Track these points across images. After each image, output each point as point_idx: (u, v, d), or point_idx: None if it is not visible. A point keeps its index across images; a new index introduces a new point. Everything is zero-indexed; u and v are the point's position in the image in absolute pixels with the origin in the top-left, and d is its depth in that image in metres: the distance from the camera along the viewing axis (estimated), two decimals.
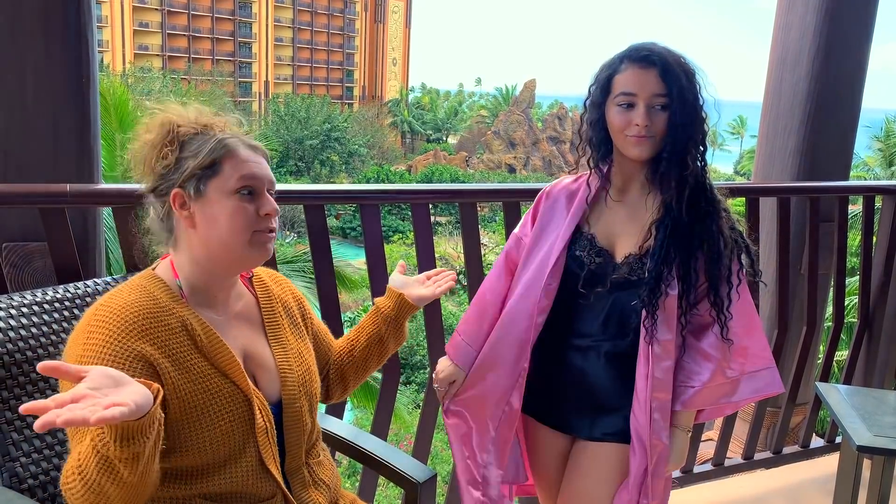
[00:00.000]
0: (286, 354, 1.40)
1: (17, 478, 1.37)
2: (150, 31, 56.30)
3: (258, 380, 1.35)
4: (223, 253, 1.28)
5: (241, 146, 1.29)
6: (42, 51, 1.95)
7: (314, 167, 42.41)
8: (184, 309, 1.27)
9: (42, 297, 1.51)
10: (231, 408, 1.26)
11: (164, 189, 1.27)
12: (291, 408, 1.37)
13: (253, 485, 1.29)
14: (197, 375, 1.24)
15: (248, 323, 1.39)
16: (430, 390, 2.37)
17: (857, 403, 2.20)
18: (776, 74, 3.38)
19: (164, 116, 1.28)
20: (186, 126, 1.28)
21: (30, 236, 1.91)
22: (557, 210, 1.71)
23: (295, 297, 1.51)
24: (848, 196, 3.12)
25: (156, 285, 1.28)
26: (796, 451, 3.14)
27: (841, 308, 3.14)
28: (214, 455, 1.25)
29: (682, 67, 1.52)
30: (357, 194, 2.31)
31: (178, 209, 1.26)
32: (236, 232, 1.26)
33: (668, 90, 1.51)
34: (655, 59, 1.51)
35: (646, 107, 1.52)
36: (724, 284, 1.59)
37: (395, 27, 73.72)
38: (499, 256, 1.81)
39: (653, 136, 1.54)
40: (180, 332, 1.24)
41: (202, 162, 1.25)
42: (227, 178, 1.26)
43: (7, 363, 1.39)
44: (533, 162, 47.06)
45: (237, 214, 1.26)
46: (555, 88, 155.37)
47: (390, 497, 9.16)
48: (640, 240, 1.61)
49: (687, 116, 1.51)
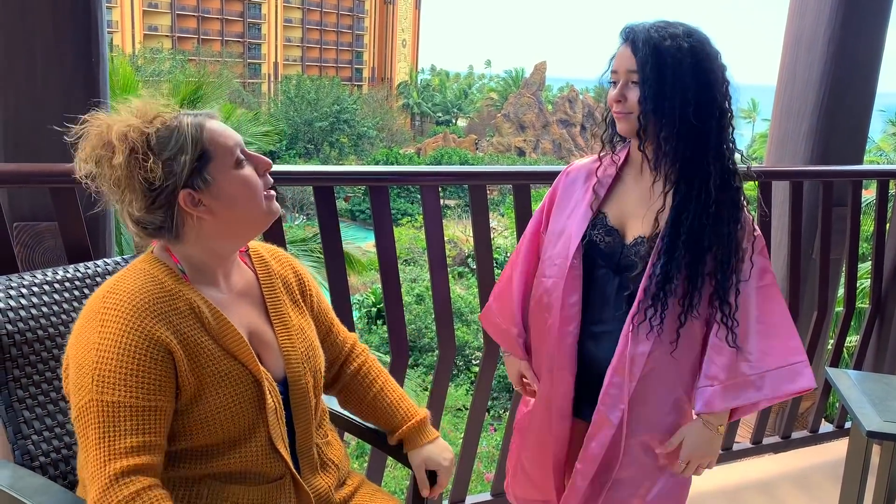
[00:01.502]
0: (288, 332, 1.39)
1: (29, 455, 1.38)
2: (159, 12, 56.19)
3: (263, 358, 1.35)
4: (246, 225, 1.29)
5: (207, 120, 1.25)
6: (51, 32, 1.95)
7: (323, 149, 42.37)
8: (190, 291, 1.26)
9: (53, 277, 1.51)
10: (241, 389, 1.26)
11: (165, 198, 1.22)
12: (297, 385, 1.37)
13: (263, 464, 1.29)
14: (207, 358, 1.24)
15: (249, 300, 1.38)
16: (438, 372, 2.38)
17: (867, 389, 2.19)
18: (790, 57, 3.34)
19: (115, 131, 1.19)
20: (143, 128, 1.21)
21: (40, 216, 1.92)
22: (576, 189, 1.70)
23: (295, 273, 1.49)
24: (861, 181, 3.09)
25: (159, 269, 1.26)
26: (805, 437, 3.13)
27: (852, 293, 3.12)
28: (225, 436, 1.25)
29: (657, 42, 1.46)
30: (366, 176, 2.30)
31: (190, 208, 1.23)
32: (255, 198, 1.27)
33: (639, 66, 1.48)
34: (631, 35, 1.50)
35: (623, 83, 1.52)
36: (733, 291, 1.55)
37: (405, 8, 73.22)
38: (523, 236, 1.82)
39: (630, 113, 1.52)
40: (189, 315, 1.24)
41: (193, 154, 1.21)
42: (221, 156, 1.24)
43: (18, 342, 1.40)
44: (543, 145, 46.84)
45: (248, 183, 1.26)
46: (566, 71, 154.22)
47: (398, 478, 9.22)
48: (650, 225, 1.58)
49: (650, 90, 1.47)
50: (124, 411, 1.15)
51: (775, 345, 1.58)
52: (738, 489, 2.83)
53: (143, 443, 1.15)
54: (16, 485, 1.30)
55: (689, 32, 1.48)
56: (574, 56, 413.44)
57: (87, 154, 1.23)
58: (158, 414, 1.18)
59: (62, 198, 1.76)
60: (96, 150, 1.22)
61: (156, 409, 1.18)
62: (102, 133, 1.21)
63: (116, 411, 1.15)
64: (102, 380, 1.15)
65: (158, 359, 1.18)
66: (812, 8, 3.23)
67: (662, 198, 1.55)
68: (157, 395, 1.17)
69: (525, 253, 1.78)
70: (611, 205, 1.65)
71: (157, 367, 1.18)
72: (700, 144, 1.50)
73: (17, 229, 1.90)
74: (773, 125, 3.51)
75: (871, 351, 3.26)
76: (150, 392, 1.17)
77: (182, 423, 1.22)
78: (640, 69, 1.47)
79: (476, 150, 46.65)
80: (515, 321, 1.77)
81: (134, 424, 1.15)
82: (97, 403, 1.15)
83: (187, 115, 1.25)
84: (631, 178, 1.65)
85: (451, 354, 2.36)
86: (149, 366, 1.17)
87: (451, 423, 11.85)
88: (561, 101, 50.11)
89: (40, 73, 1.95)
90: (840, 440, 3.15)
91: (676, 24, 1.51)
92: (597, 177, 1.67)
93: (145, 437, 1.16)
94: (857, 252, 3.06)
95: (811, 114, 3.26)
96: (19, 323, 1.41)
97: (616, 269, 1.61)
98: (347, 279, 2.17)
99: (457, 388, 14.45)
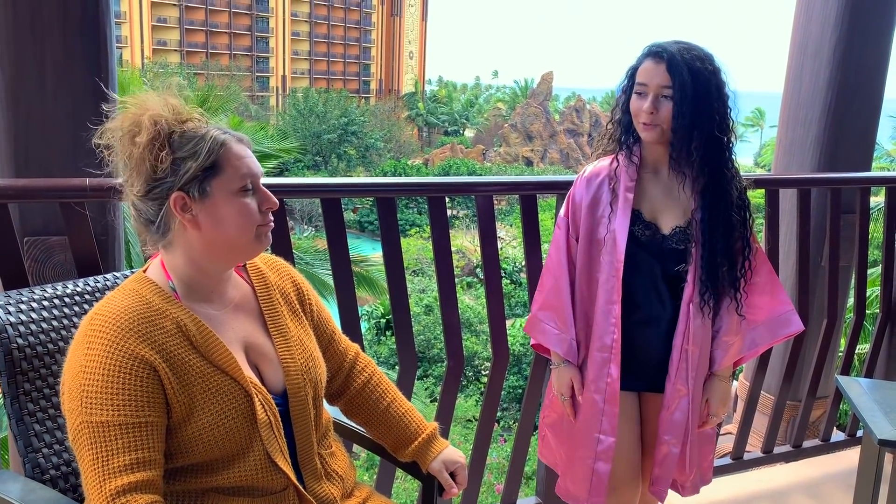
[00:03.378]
0: (287, 343, 1.39)
1: (39, 468, 1.39)
2: (168, 27, 56.65)
3: (262, 371, 1.35)
4: (228, 251, 1.29)
5: (233, 142, 1.27)
6: (61, 46, 1.96)
7: (331, 161, 42.51)
8: (177, 309, 1.26)
9: (63, 291, 1.52)
10: (233, 404, 1.25)
11: (161, 192, 1.23)
12: (296, 397, 1.36)
13: (263, 478, 1.29)
14: (196, 376, 1.23)
15: (246, 313, 1.38)
16: (447, 383, 2.38)
17: (878, 397, 2.17)
18: (796, 63, 3.34)
19: (150, 115, 1.23)
20: (173, 124, 1.24)
21: (51, 230, 1.93)
22: (602, 192, 1.86)
23: (294, 284, 1.49)
24: (870, 187, 3.08)
25: (147, 288, 1.27)
26: (817, 445, 3.11)
27: (862, 301, 3.10)
28: (221, 452, 1.25)
29: (690, 64, 1.69)
30: (374, 187, 2.31)
31: (178, 212, 1.23)
32: (245, 230, 1.27)
33: (673, 82, 1.69)
34: (665, 54, 1.71)
35: (654, 96, 1.73)
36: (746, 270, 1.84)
37: (412, 20, 73.59)
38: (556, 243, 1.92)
39: (659, 125, 1.74)
40: (176, 334, 1.24)
41: (203, 163, 1.23)
42: (229, 177, 1.25)
43: (29, 356, 1.41)
44: (550, 155, 46.83)
45: (245, 212, 1.26)
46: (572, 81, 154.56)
47: (408, 490, 9.19)
48: (682, 215, 1.83)
49: (688, 107, 1.69)
50: (114, 430, 1.15)
51: (766, 300, 1.88)
52: (750, 499, 2.81)
53: (136, 459, 1.16)
54: (26, 498, 1.31)
55: (710, 56, 1.73)
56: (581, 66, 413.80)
57: (117, 125, 1.25)
58: (150, 430, 1.18)
59: (72, 212, 1.77)
60: (125, 124, 1.24)
61: (146, 425, 1.18)
62: (137, 113, 1.24)
63: (107, 431, 1.15)
64: (90, 401, 1.16)
65: (144, 376, 1.18)
66: (818, 14, 3.23)
67: (691, 195, 1.81)
68: (145, 411, 1.18)
69: (565, 261, 1.91)
70: (640, 202, 1.85)
71: (143, 384, 1.18)
72: (722, 152, 1.77)
73: (28, 243, 1.92)
74: (781, 133, 3.50)
75: (883, 358, 3.24)
76: (139, 408, 1.17)
77: (178, 440, 1.22)
78: (679, 88, 1.69)
79: (484, 161, 46.67)
80: (571, 327, 1.90)
81: (125, 442, 1.15)
82: (87, 425, 1.16)
83: (217, 130, 1.26)
84: (649, 176, 1.86)
85: (459, 365, 2.35)
86: (134, 383, 1.17)
87: (460, 435, 11.81)
88: (568, 111, 50.14)
89: (50, 89, 1.97)
90: (852, 449, 3.12)
91: (696, 46, 1.74)
92: (618, 177, 1.84)
93: (138, 453, 1.16)
94: (866, 259, 3.04)
95: (818, 120, 3.25)
96: (30, 337, 1.42)
97: (659, 258, 1.83)
98: (355, 290, 2.17)
99: (466, 399, 14.42)
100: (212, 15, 58.82)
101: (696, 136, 1.72)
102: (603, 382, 1.86)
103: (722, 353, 1.88)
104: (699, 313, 1.82)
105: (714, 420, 1.92)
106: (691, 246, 1.80)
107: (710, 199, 1.78)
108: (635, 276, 1.84)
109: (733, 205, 1.79)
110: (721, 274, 1.80)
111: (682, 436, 1.89)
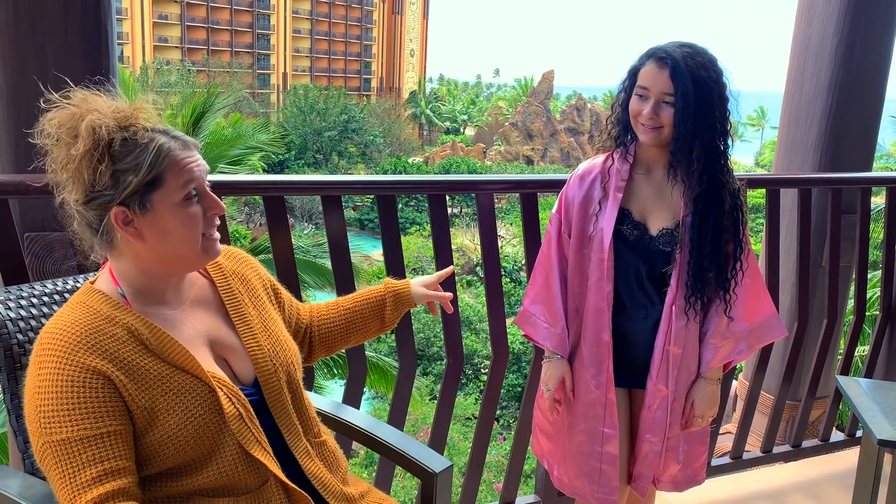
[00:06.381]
0: (252, 331, 1.36)
1: None
2: (169, 24, 56.61)
3: (230, 363, 1.33)
4: (175, 261, 1.25)
5: (176, 148, 1.21)
6: (62, 44, 1.96)
7: (332, 159, 42.50)
8: (127, 315, 1.22)
9: (63, 287, 1.52)
10: (197, 402, 1.22)
11: (100, 204, 1.18)
12: (269, 384, 1.33)
13: (242, 474, 1.26)
14: (154, 379, 1.20)
15: (206, 307, 1.35)
16: (447, 381, 2.38)
17: (878, 397, 2.17)
18: (798, 63, 3.34)
19: (88, 121, 1.15)
20: (113, 130, 1.17)
21: (51, 226, 1.93)
22: (594, 189, 1.87)
23: (251, 268, 1.46)
24: (871, 188, 3.08)
25: (95, 298, 1.23)
26: (816, 445, 3.11)
27: (863, 301, 3.10)
28: (194, 452, 1.22)
29: (694, 72, 1.68)
30: (374, 185, 2.31)
31: (120, 226, 1.19)
32: (190, 240, 1.23)
33: (675, 90, 1.69)
34: (669, 60, 1.69)
35: (655, 101, 1.72)
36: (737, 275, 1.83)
37: (413, 18, 73.54)
38: (548, 240, 1.94)
39: (659, 128, 1.74)
40: (128, 340, 1.20)
41: (144, 177, 1.17)
42: (172, 189, 1.19)
43: (29, 352, 1.41)
44: (551, 153, 46.81)
45: (189, 223, 1.22)
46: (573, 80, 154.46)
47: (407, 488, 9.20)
48: (671, 217, 1.82)
49: (690, 116, 1.68)
50: (77, 445, 1.13)
51: (751, 304, 1.88)
52: (749, 498, 2.81)
53: (104, 470, 1.13)
54: (25, 493, 1.30)
55: (713, 62, 1.72)
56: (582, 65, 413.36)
57: (51, 127, 1.18)
58: (113, 439, 1.15)
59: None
60: (61, 130, 1.18)
61: (109, 435, 1.15)
62: (75, 115, 1.17)
63: (69, 447, 1.13)
64: (48, 421, 1.13)
65: (98, 387, 1.15)
66: (820, 14, 3.23)
67: (681, 199, 1.81)
68: (105, 421, 1.15)
69: (557, 257, 1.92)
70: (630, 201, 1.85)
71: (99, 394, 1.15)
72: (719, 160, 1.76)
73: (28, 239, 1.92)
74: (782, 132, 3.50)
75: (882, 359, 3.24)
76: (98, 419, 1.14)
77: (148, 446, 1.19)
78: (682, 96, 1.68)
79: (484, 159, 46.66)
80: (561, 321, 1.90)
81: (91, 455, 1.13)
82: (49, 445, 1.13)
83: (163, 136, 1.20)
84: (641, 176, 1.86)
85: (459, 363, 2.36)
86: (89, 395, 1.14)
87: (459, 433, 11.82)
88: (569, 110, 50.11)
89: (51, 86, 1.96)
90: (851, 449, 3.13)
91: (700, 50, 1.72)
92: (610, 175, 1.85)
93: (105, 464, 1.13)
94: (866, 259, 3.04)
95: (819, 121, 3.25)
96: (30, 332, 1.42)
97: (646, 258, 1.83)
98: (356, 288, 2.17)
99: (465, 398, 14.43)
100: (213, 12, 58.78)
101: (697, 144, 1.72)
102: (603, 378, 1.87)
103: (710, 355, 1.87)
104: (683, 316, 1.82)
105: (699, 422, 1.91)
106: (677, 250, 1.80)
107: (703, 206, 1.77)
108: (622, 274, 1.84)
109: (725, 210, 1.78)
110: (707, 279, 1.79)
111: (663, 434, 1.90)
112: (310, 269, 8.38)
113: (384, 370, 8.24)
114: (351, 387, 2.25)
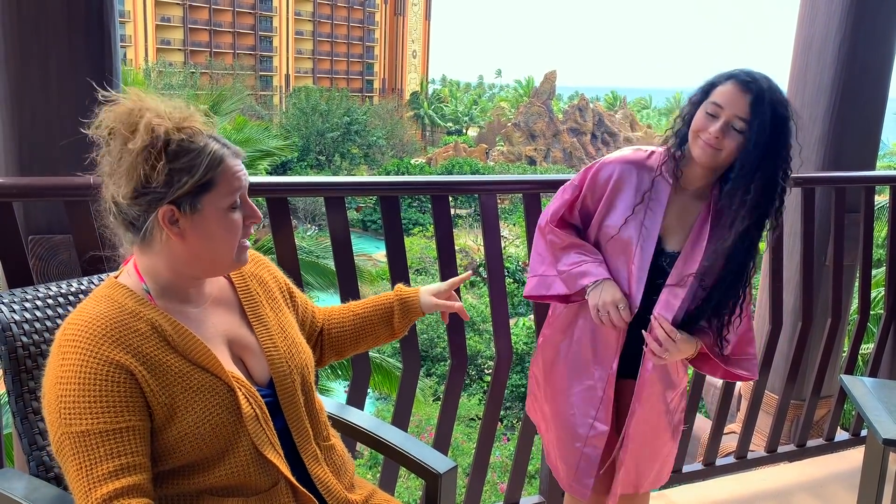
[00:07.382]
0: (269, 332, 1.38)
1: (44, 466, 1.39)
2: (171, 26, 56.75)
3: (247, 363, 1.34)
4: (210, 264, 1.28)
5: (229, 156, 1.25)
6: (66, 45, 1.97)
7: (335, 160, 42.54)
8: (151, 311, 1.24)
9: (67, 289, 1.53)
10: (216, 401, 1.24)
11: (150, 201, 1.20)
12: (283, 385, 1.35)
13: (254, 474, 1.27)
14: (175, 375, 1.21)
15: (225, 307, 1.37)
16: (450, 382, 2.38)
17: (883, 396, 2.17)
18: (801, 61, 3.33)
19: (147, 120, 1.18)
20: (171, 131, 1.20)
21: (55, 229, 1.94)
22: (630, 183, 1.80)
23: (269, 271, 1.49)
24: (874, 186, 3.07)
25: (119, 292, 1.25)
26: (820, 445, 3.11)
27: (867, 300, 3.10)
28: (209, 450, 1.23)
29: (774, 108, 1.63)
30: (377, 186, 2.31)
31: (166, 224, 1.21)
32: (229, 244, 1.26)
33: (751, 119, 1.63)
34: (754, 87, 1.64)
35: (725, 122, 1.65)
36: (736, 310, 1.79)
37: (415, 19, 73.61)
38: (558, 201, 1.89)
39: (720, 150, 1.67)
40: (151, 335, 1.22)
41: (199, 179, 1.20)
42: (222, 193, 1.23)
43: (34, 354, 1.41)
44: (553, 154, 46.78)
45: (232, 228, 1.25)
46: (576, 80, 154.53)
47: (411, 489, 9.19)
48: (683, 240, 1.80)
49: (760, 150, 1.63)
50: (95, 438, 1.14)
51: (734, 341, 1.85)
52: (754, 498, 2.80)
53: (121, 465, 1.14)
54: (30, 495, 1.31)
55: (787, 101, 1.68)
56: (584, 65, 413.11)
57: (108, 121, 1.21)
58: (132, 434, 1.16)
59: (76, 211, 1.78)
60: (119, 125, 1.20)
61: (128, 430, 1.16)
62: (134, 112, 1.20)
63: (88, 440, 1.14)
64: (68, 412, 1.14)
65: (120, 381, 1.16)
66: (822, 13, 3.22)
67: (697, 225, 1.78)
68: (125, 416, 1.16)
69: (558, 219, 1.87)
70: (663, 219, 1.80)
71: (121, 389, 1.16)
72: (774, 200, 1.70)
73: (33, 242, 1.92)
74: None
75: (887, 358, 3.23)
76: (118, 414, 1.15)
77: (164, 442, 1.20)
78: (758, 127, 1.62)
79: (487, 160, 46.66)
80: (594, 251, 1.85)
81: (108, 449, 1.14)
82: (68, 436, 1.14)
83: (216, 143, 1.24)
84: (672, 190, 1.79)
85: (462, 364, 2.35)
86: (111, 388, 1.15)
87: (463, 433, 11.81)
88: (571, 110, 50.08)
89: (54, 87, 1.97)
90: (856, 448, 3.12)
91: (778, 87, 1.68)
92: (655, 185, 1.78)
93: (123, 459, 1.14)
94: (870, 258, 3.04)
95: (822, 119, 3.24)
96: (34, 335, 1.42)
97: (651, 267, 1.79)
98: (359, 289, 2.18)
99: (469, 398, 14.42)
100: (216, 14, 58.92)
101: (757, 177, 1.66)
102: (605, 372, 1.87)
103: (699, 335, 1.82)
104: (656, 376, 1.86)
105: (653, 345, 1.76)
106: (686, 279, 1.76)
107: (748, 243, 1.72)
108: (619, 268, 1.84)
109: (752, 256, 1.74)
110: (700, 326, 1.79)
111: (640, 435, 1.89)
112: (313, 270, 8.39)
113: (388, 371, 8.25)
114: (355, 388, 2.25)
